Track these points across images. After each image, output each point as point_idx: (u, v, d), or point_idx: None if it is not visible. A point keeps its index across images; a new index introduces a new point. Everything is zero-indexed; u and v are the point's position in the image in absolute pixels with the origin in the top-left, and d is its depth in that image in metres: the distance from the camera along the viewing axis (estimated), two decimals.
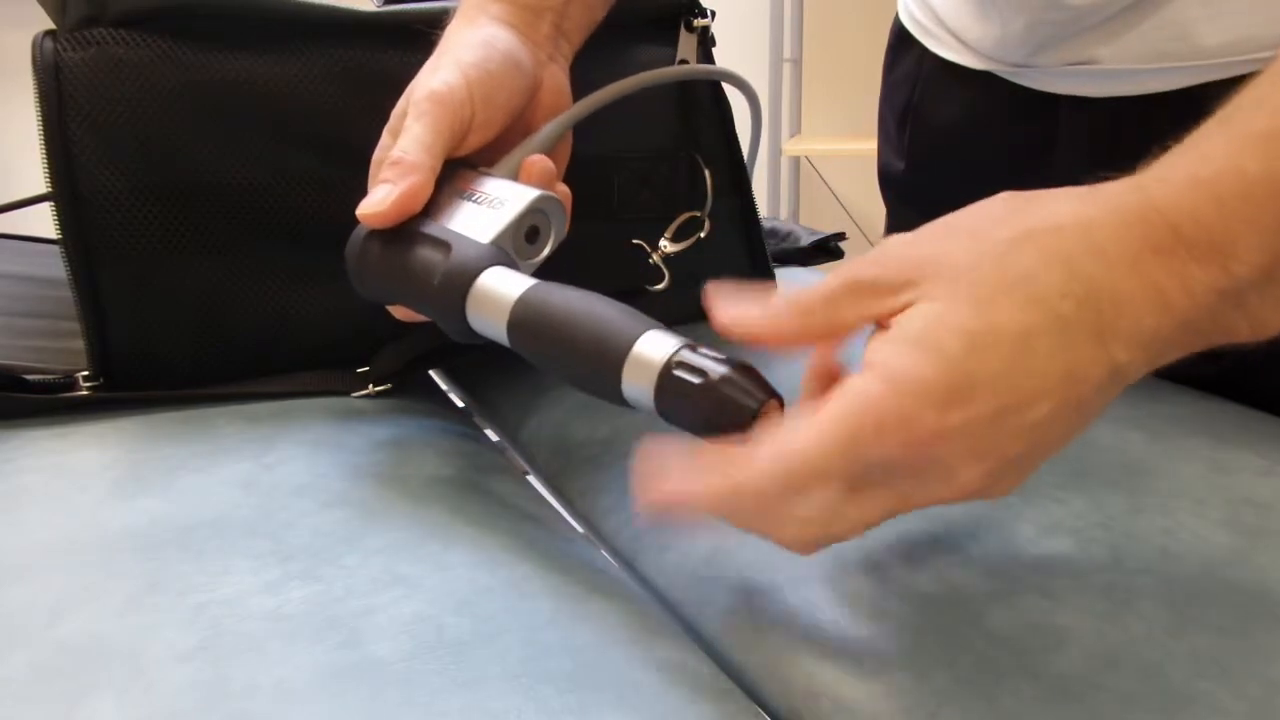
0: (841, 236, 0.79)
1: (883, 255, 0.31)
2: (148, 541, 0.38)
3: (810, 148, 2.12)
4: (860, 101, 2.17)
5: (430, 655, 0.32)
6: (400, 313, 0.45)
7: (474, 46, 0.44)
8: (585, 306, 0.36)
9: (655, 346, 0.33)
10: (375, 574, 0.36)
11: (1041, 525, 0.39)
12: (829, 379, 0.32)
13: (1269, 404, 0.49)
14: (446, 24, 0.47)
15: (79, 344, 0.51)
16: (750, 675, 0.36)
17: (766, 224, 0.82)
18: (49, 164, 0.48)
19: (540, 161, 0.44)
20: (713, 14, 0.63)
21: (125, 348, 0.51)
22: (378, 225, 0.41)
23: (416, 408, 0.55)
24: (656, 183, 0.61)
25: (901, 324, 0.29)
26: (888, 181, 0.75)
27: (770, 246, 0.78)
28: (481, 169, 0.44)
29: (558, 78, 0.49)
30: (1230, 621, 0.33)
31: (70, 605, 0.34)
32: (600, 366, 0.34)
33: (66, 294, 0.50)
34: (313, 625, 0.33)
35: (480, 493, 0.45)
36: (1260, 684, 0.31)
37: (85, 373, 0.51)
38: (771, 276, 0.69)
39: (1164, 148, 0.31)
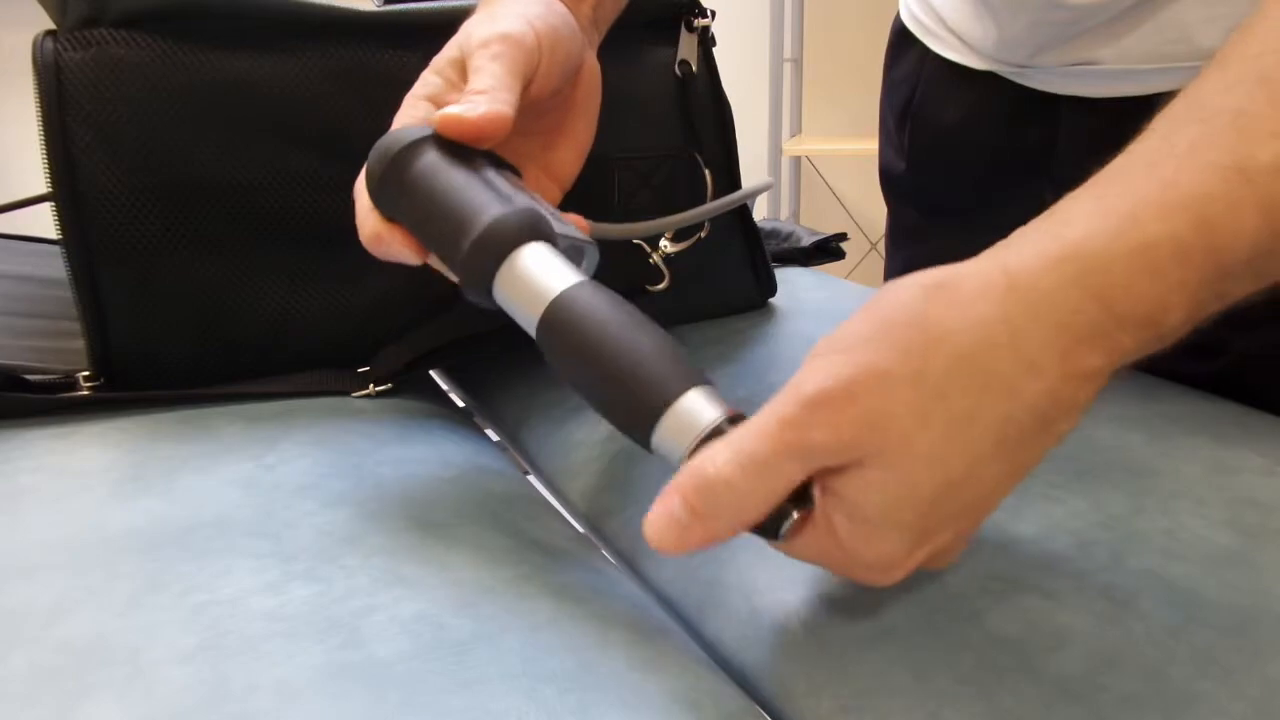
0: (843, 237, 0.79)
1: (825, 414, 0.28)
2: (148, 541, 0.38)
3: (810, 148, 2.12)
4: (860, 101, 2.18)
5: (431, 655, 0.32)
6: (400, 241, 0.39)
7: (533, 3, 0.43)
8: (631, 334, 0.33)
9: (699, 410, 0.32)
10: (376, 574, 0.36)
11: (1041, 525, 0.39)
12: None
13: (1269, 404, 0.49)
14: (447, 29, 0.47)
15: (79, 344, 0.51)
16: (750, 675, 0.36)
17: (767, 225, 0.82)
18: (49, 164, 0.48)
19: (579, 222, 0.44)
20: (713, 14, 0.63)
21: (126, 348, 0.51)
22: (452, 134, 0.38)
23: (416, 408, 0.55)
24: (656, 183, 0.61)
25: (857, 499, 0.29)
26: (888, 181, 0.75)
27: (771, 247, 0.78)
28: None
29: (594, 62, 0.48)
30: (1231, 621, 0.33)
31: (70, 605, 0.34)
32: (634, 408, 0.32)
33: (66, 294, 0.50)
34: (313, 625, 0.33)
35: (481, 493, 0.45)
36: (1260, 684, 0.31)
37: (86, 373, 0.51)
38: (771, 276, 0.69)
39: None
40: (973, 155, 0.64)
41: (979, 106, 0.63)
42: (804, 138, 2.22)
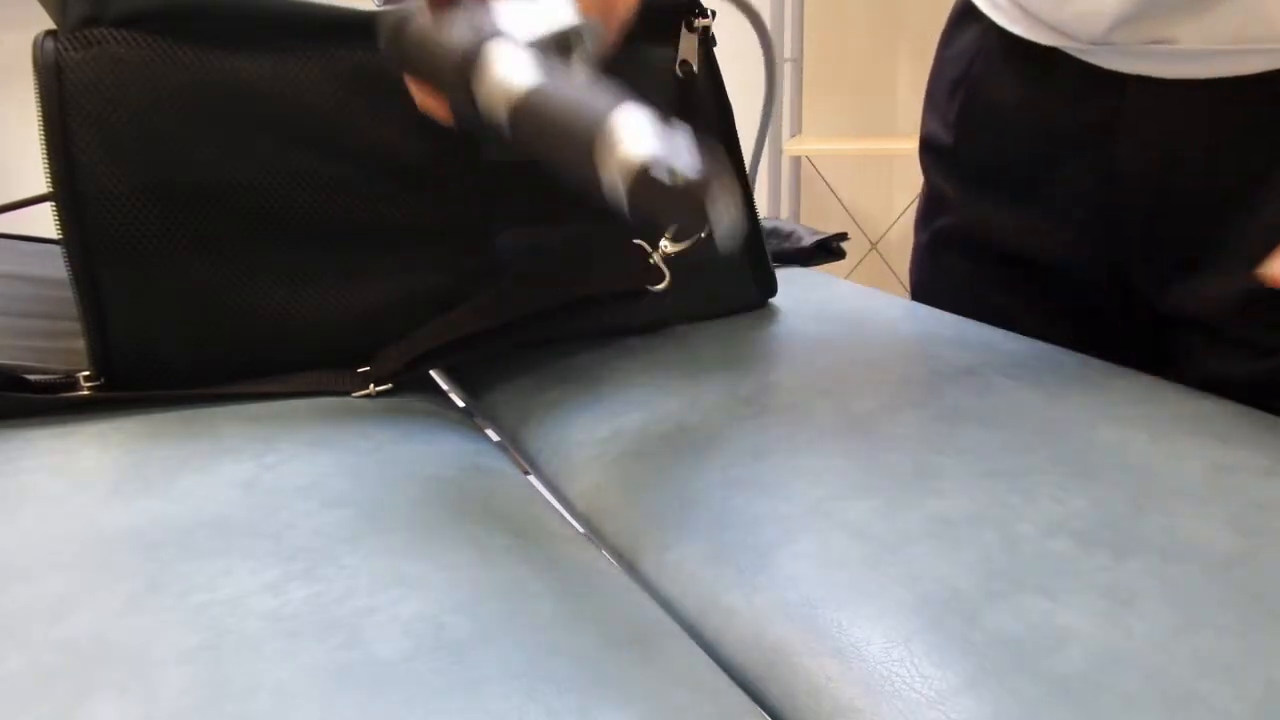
0: (843, 237, 0.79)
1: None
2: (148, 541, 0.38)
3: (810, 148, 2.12)
4: (860, 101, 2.17)
5: (430, 655, 0.32)
6: (420, 95, 0.43)
7: None
8: (571, 97, 0.35)
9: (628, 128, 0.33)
10: (376, 574, 0.36)
11: (1042, 525, 0.39)
12: None
13: None
14: None
15: (80, 344, 0.51)
16: (750, 675, 0.36)
17: (768, 224, 0.82)
18: (50, 164, 0.48)
19: None
20: (713, 14, 0.63)
21: (126, 347, 0.51)
22: None
23: (416, 408, 0.55)
24: None
25: None
26: (930, 150, 0.74)
27: (772, 246, 0.78)
28: None
29: None
30: (1232, 621, 0.33)
31: (71, 605, 0.34)
32: (580, 158, 0.33)
33: (67, 294, 0.50)
34: (313, 625, 0.33)
35: (481, 493, 0.45)
36: (1261, 684, 0.31)
37: (86, 372, 0.51)
38: (771, 276, 0.69)
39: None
40: (1028, 131, 0.64)
41: (1040, 83, 0.62)
42: (804, 138, 2.21)
